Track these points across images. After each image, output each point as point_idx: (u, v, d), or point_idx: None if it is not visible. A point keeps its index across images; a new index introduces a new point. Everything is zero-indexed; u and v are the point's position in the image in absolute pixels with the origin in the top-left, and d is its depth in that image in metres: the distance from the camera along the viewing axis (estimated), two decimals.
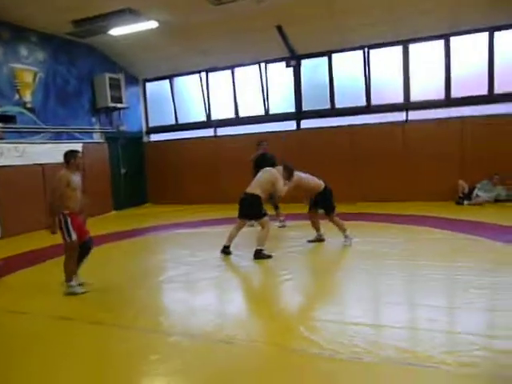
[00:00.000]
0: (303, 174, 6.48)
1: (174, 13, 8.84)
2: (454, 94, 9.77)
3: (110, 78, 10.86)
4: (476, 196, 9.14)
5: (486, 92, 9.48)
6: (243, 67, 11.44)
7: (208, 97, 12.06)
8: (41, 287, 5.24)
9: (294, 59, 10.60)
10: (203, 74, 11.92)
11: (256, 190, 6.07)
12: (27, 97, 9.19)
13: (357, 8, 8.81)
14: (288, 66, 10.64)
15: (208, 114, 12.16)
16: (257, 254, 5.88)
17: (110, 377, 3.16)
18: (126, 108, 11.61)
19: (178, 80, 12.40)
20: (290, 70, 10.90)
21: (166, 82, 12.44)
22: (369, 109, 10.47)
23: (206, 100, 12.07)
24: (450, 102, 9.79)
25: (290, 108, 11.19)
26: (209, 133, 12.23)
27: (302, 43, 10.26)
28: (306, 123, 11.12)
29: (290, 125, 11.23)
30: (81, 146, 9.87)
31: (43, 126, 9.56)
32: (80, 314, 4.33)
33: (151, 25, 9.06)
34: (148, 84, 12.84)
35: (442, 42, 9.69)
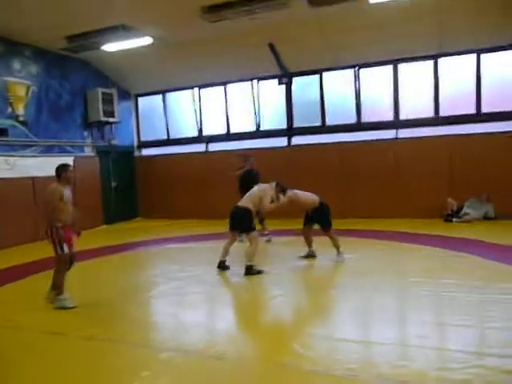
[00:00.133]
0: (299, 192, 6.47)
1: (168, 29, 8.95)
2: (442, 113, 9.93)
3: (103, 93, 10.89)
4: (465, 214, 9.24)
5: (473, 111, 9.67)
6: (235, 84, 11.56)
7: (200, 112, 12.13)
8: (30, 301, 5.18)
9: (285, 77, 10.73)
10: (195, 90, 12.02)
11: (247, 204, 6.14)
12: (20, 110, 9.18)
13: (347, 28, 9.01)
14: (280, 83, 10.76)
15: (199, 130, 12.21)
16: (247, 270, 5.86)
17: None
18: (118, 122, 11.62)
19: (170, 95, 12.45)
20: (282, 87, 11.01)
21: (159, 97, 12.50)
22: (359, 126, 10.59)
23: (198, 115, 12.14)
24: (439, 121, 9.95)
25: (282, 124, 11.28)
26: (200, 148, 12.26)
27: (293, 61, 10.41)
28: (296, 140, 11.20)
29: (281, 141, 11.31)
30: (72, 159, 9.83)
31: (35, 140, 9.52)
32: (70, 328, 4.27)
33: (146, 41, 9.14)
34: (140, 99, 12.88)
35: (430, 63, 9.90)
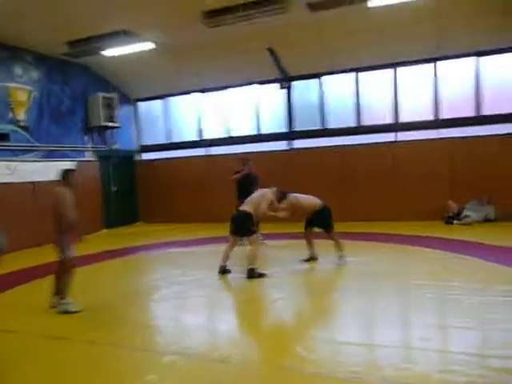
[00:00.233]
0: (300, 196, 6.46)
1: (169, 34, 8.99)
2: (442, 116, 9.98)
3: (104, 98, 10.93)
4: (465, 216, 9.26)
5: (473, 114, 9.70)
6: (236, 88, 11.60)
7: (200, 116, 12.17)
8: (32, 306, 5.18)
9: (285, 81, 10.78)
10: (196, 94, 12.05)
11: (248, 207, 6.17)
12: (21, 115, 9.22)
13: (346, 32, 9.04)
14: (282, 87, 10.81)
15: (200, 134, 12.25)
16: (250, 273, 5.87)
17: None
18: (119, 127, 11.66)
19: (170, 100, 12.50)
20: (282, 91, 11.06)
21: (159, 102, 12.55)
22: (359, 129, 10.63)
23: (199, 120, 12.18)
24: (438, 124, 9.99)
25: (282, 128, 11.33)
26: (200, 152, 12.29)
27: (293, 65, 10.46)
28: (297, 143, 11.25)
29: (282, 145, 11.36)
30: (73, 164, 9.85)
31: (36, 144, 9.56)
32: (72, 332, 4.29)
33: (146, 46, 9.18)
34: (141, 103, 12.92)
35: (430, 66, 9.95)
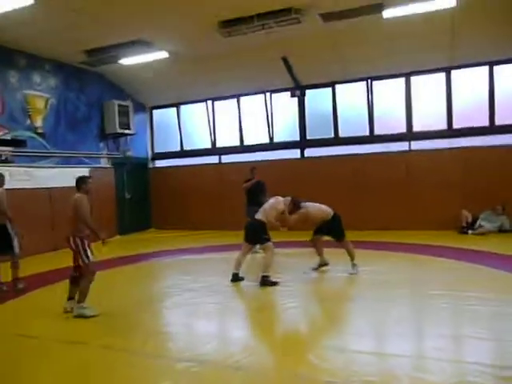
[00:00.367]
0: (311, 207, 6.38)
1: (184, 44, 9.13)
2: (455, 125, 9.94)
3: (119, 105, 11.10)
4: (479, 226, 9.19)
5: (487, 123, 9.66)
6: (249, 96, 11.69)
7: (214, 125, 12.27)
8: (48, 310, 5.25)
9: (298, 89, 10.84)
10: (209, 103, 12.17)
11: (262, 216, 6.22)
12: (38, 122, 9.41)
13: (360, 41, 9.09)
14: (293, 96, 10.86)
15: (213, 142, 12.34)
16: (262, 281, 5.90)
17: None
18: (134, 134, 11.81)
19: (184, 108, 12.64)
20: (295, 100, 11.12)
21: (173, 110, 12.68)
22: (372, 138, 10.63)
23: (212, 128, 12.28)
24: (452, 133, 9.96)
25: (295, 137, 11.37)
26: (213, 160, 12.39)
27: (306, 74, 10.53)
28: (309, 152, 11.28)
29: (294, 153, 11.40)
30: (88, 170, 9.99)
31: (52, 151, 9.72)
32: (88, 337, 4.34)
33: (161, 55, 9.32)
34: (155, 111, 13.09)
35: (443, 75, 9.94)
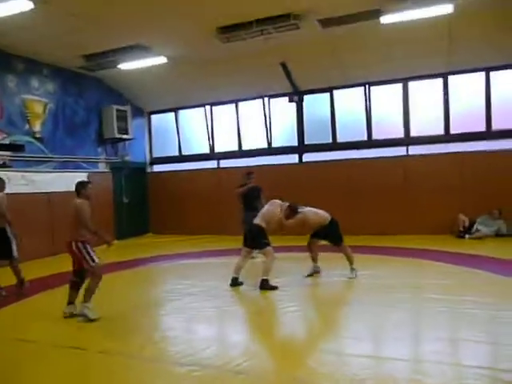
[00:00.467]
0: (309, 212, 6.34)
1: (183, 49, 9.16)
2: (453, 130, 10.01)
3: (117, 110, 11.11)
4: (476, 230, 9.23)
5: (484, 128, 9.73)
6: (247, 101, 11.73)
7: (212, 129, 12.30)
8: (48, 315, 5.25)
9: (296, 95, 10.89)
10: (207, 108, 12.20)
11: (260, 221, 6.24)
12: (37, 127, 9.41)
13: (358, 47, 9.16)
14: (291, 101, 10.91)
15: (211, 147, 12.37)
16: (262, 285, 5.91)
17: None
18: (132, 139, 11.82)
19: (182, 113, 12.66)
20: (293, 105, 11.16)
21: (171, 115, 12.71)
22: (370, 143, 10.69)
23: (210, 133, 12.31)
24: (449, 138, 10.03)
25: (293, 142, 11.41)
26: (212, 165, 12.41)
27: (304, 79, 10.58)
28: (308, 157, 11.32)
29: (293, 158, 11.43)
30: (86, 175, 9.99)
31: (50, 156, 9.72)
32: (86, 342, 4.34)
33: (160, 60, 9.34)
34: (153, 116, 13.11)
35: (440, 81, 10.01)
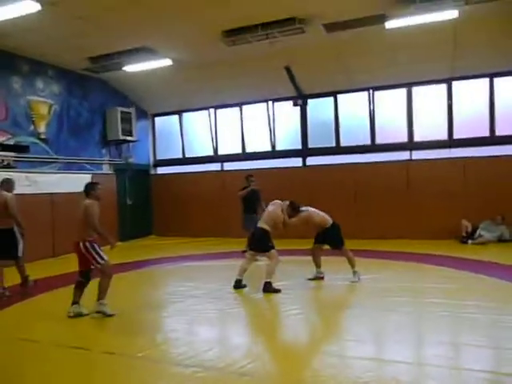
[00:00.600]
0: (312, 210, 6.51)
1: (188, 52, 9.23)
2: (456, 135, 10.02)
3: (122, 112, 11.16)
4: (479, 235, 9.23)
5: (487, 134, 9.74)
6: (251, 105, 11.77)
7: (216, 132, 12.34)
8: (51, 315, 5.28)
9: (300, 99, 10.92)
10: (211, 110, 12.24)
11: (264, 224, 6.27)
12: (41, 128, 9.47)
13: (363, 52, 9.22)
14: (295, 105, 10.94)
15: (215, 149, 12.40)
16: (265, 287, 5.92)
17: None
18: (136, 141, 11.85)
19: (186, 115, 12.71)
20: (297, 109, 11.19)
21: (175, 117, 12.75)
22: (373, 148, 10.70)
23: (214, 135, 12.35)
24: (452, 143, 10.04)
25: (296, 145, 11.43)
26: (216, 167, 12.44)
27: (309, 83, 10.62)
28: (311, 160, 11.34)
29: (296, 161, 11.45)
30: (90, 176, 10.04)
31: (54, 157, 9.77)
32: (90, 343, 4.35)
33: (165, 62, 9.40)
34: (157, 118, 13.16)
35: (444, 86, 10.04)
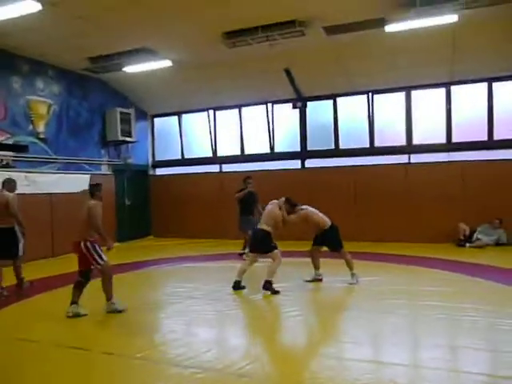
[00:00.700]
0: (311, 210, 6.56)
1: (188, 53, 9.24)
2: (455, 139, 10.06)
3: (121, 113, 11.16)
4: (477, 239, 9.26)
5: (485, 138, 9.77)
6: (250, 106, 11.78)
7: (215, 134, 12.35)
8: (50, 315, 5.28)
9: (300, 101, 10.95)
10: (211, 112, 12.25)
11: (265, 226, 6.27)
12: (40, 128, 9.46)
13: (363, 55, 9.25)
14: (294, 107, 10.97)
15: (214, 151, 12.42)
16: (265, 285, 5.94)
17: None
18: (135, 142, 11.85)
19: (185, 116, 12.72)
20: (296, 111, 11.22)
21: (175, 118, 12.76)
22: (372, 151, 10.73)
23: (213, 137, 12.36)
24: (451, 147, 10.08)
25: (295, 147, 11.45)
26: (214, 169, 12.44)
27: (308, 86, 10.64)
28: (310, 162, 11.36)
29: (295, 164, 11.47)
30: (89, 177, 10.06)
31: (53, 157, 9.76)
32: (89, 343, 4.35)
33: (165, 64, 9.41)
34: (156, 119, 13.16)
35: (443, 90, 10.08)
